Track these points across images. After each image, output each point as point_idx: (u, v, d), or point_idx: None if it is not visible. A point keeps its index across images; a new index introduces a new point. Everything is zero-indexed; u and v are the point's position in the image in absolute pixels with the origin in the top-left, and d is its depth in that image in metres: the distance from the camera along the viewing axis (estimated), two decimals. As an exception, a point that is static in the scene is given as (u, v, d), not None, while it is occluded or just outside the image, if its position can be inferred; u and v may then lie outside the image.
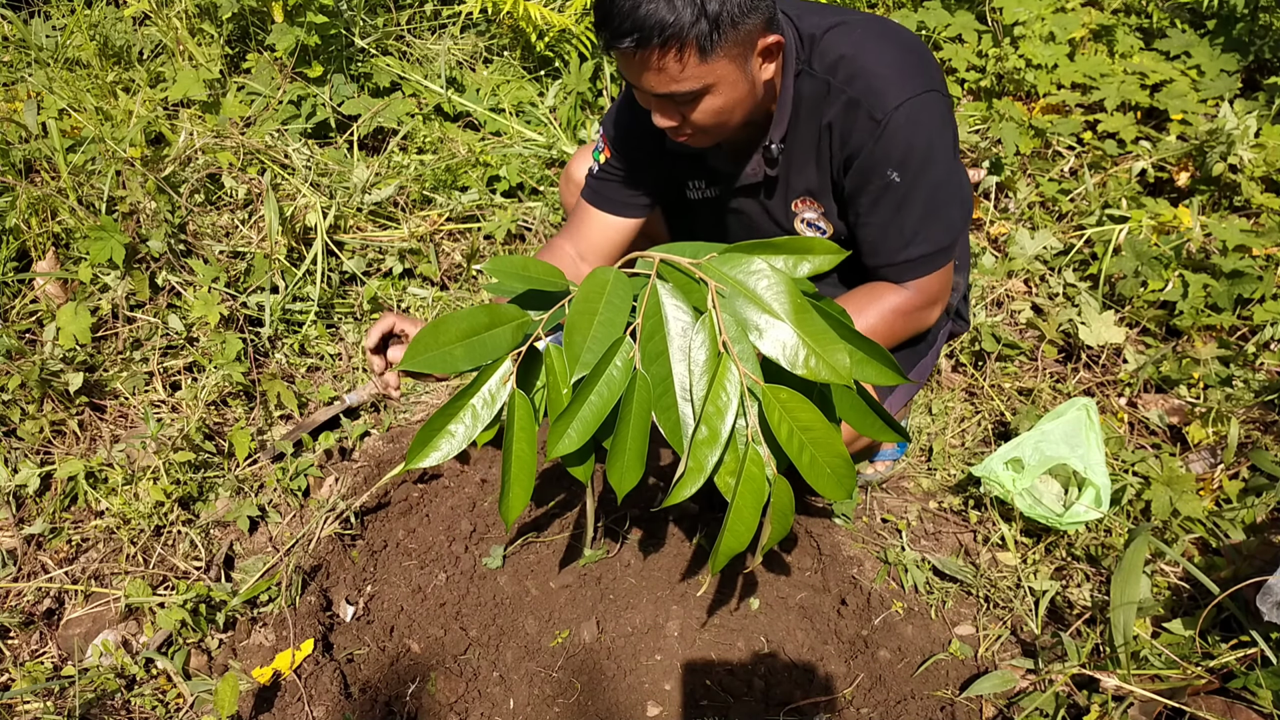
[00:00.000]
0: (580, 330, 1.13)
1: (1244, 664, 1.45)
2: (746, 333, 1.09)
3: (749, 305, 1.09)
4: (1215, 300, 2.22)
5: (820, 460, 1.12)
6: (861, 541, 1.91)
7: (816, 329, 1.07)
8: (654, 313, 1.14)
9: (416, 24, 3.38)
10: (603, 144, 1.64)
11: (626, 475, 1.17)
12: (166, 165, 2.44)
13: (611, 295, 1.15)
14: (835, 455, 1.11)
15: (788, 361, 1.07)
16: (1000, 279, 2.46)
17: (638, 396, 1.13)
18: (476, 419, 1.20)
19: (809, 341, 1.06)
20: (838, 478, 1.13)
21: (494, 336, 1.18)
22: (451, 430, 1.20)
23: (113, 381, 2.14)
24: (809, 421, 1.10)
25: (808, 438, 1.11)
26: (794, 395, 1.09)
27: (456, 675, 1.68)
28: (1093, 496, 1.81)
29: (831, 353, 1.06)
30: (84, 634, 1.72)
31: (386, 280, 2.50)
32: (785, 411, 1.09)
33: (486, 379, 1.20)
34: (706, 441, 1.10)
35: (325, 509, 1.93)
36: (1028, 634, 1.71)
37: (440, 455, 1.20)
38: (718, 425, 1.09)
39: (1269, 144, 2.56)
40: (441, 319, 1.16)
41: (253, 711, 1.56)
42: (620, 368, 1.13)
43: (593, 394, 1.13)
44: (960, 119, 2.93)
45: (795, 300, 1.08)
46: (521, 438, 1.21)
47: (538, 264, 1.24)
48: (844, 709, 1.62)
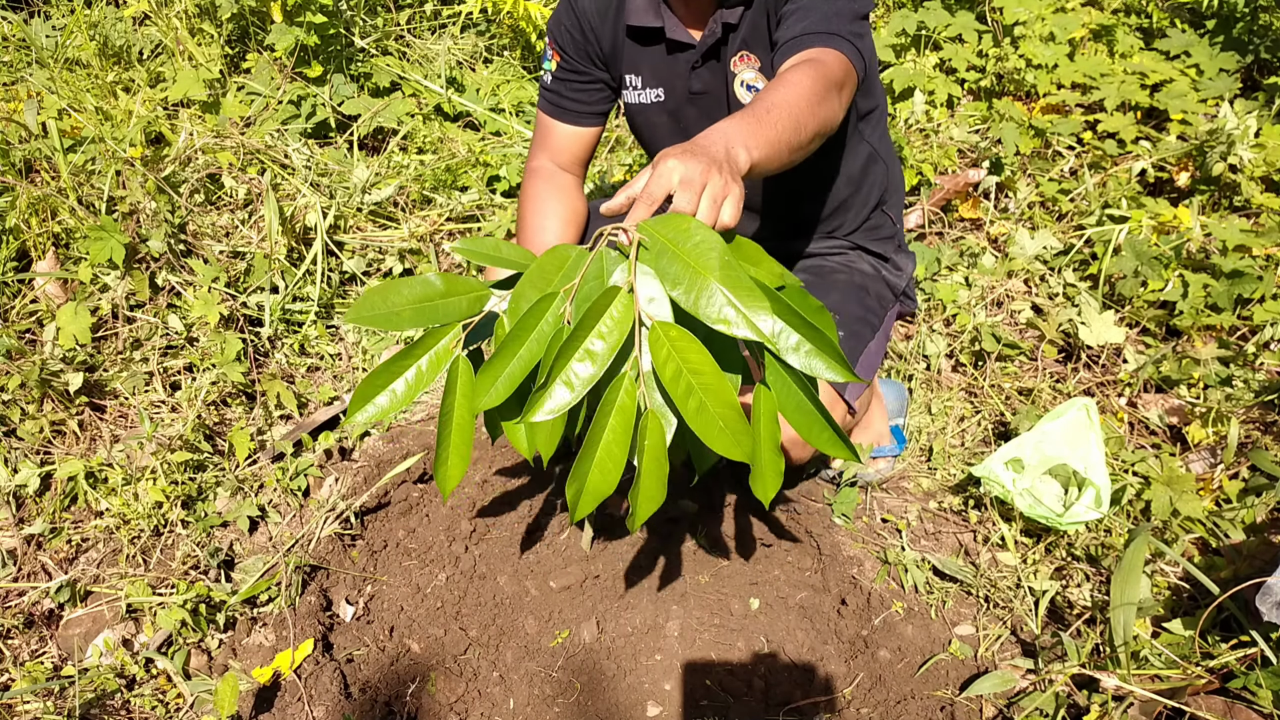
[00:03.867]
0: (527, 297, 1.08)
1: (1244, 664, 1.45)
2: (669, 288, 1.02)
3: (675, 261, 1.02)
4: (1215, 300, 2.22)
5: (709, 408, 1.03)
6: (861, 541, 1.91)
7: (741, 285, 0.99)
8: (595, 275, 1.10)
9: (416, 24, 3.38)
10: (550, 51, 1.71)
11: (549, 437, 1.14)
12: (166, 165, 2.44)
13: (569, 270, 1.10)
14: (726, 405, 1.03)
15: (704, 313, 0.99)
16: (1000, 279, 2.46)
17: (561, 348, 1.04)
18: (420, 378, 1.18)
19: (728, 293, 0.99)
20: (731, 432, 1.04)
21: (448, 304, 1.16)
22: (393, 388, 1.18)
23: (113, 381, 2.14)
24: (698, 365, 1.02)
25: (696, 381, 1.02)
26: (683, 333, 1.02)
27: (456, 675, 1.68)
28: (1093, 496, 1.81)
29: (754, 310, 0.98)
30: (84, 634, 1.72)
31: (386, 280, 2.50)
32: (674, 349, 1.02)
33: (434, 342, 1.18)
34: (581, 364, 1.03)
35: (325, 509, 1.93)
36: (1028, 634, 1.71)
37: (378, 410, 1.18)
38: (595, 349, 1.02)
39: (1269, 144, 2.56)
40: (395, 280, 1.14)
41: (253, 711, 1.56)
42: (550, 323, 1.08)
43: (522, 348, 1.08)
44: (960, 119, 2.93)
45: (724, 258, 1.00)
46: (462, 403, 1.18)
47: (510, 246, 1.22)
48: (844, 709, 1.62)
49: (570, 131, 1.73)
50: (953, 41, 3.09)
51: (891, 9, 3.37)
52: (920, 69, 3.00)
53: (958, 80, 3.02)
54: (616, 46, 1.67)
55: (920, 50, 3.11)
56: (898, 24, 3.07)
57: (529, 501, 1.97)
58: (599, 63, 1.69)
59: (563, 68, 1.70)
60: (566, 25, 1.67)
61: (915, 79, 2.93)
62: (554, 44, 1.69)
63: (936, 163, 2.73)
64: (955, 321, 2.33)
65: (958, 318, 2.33)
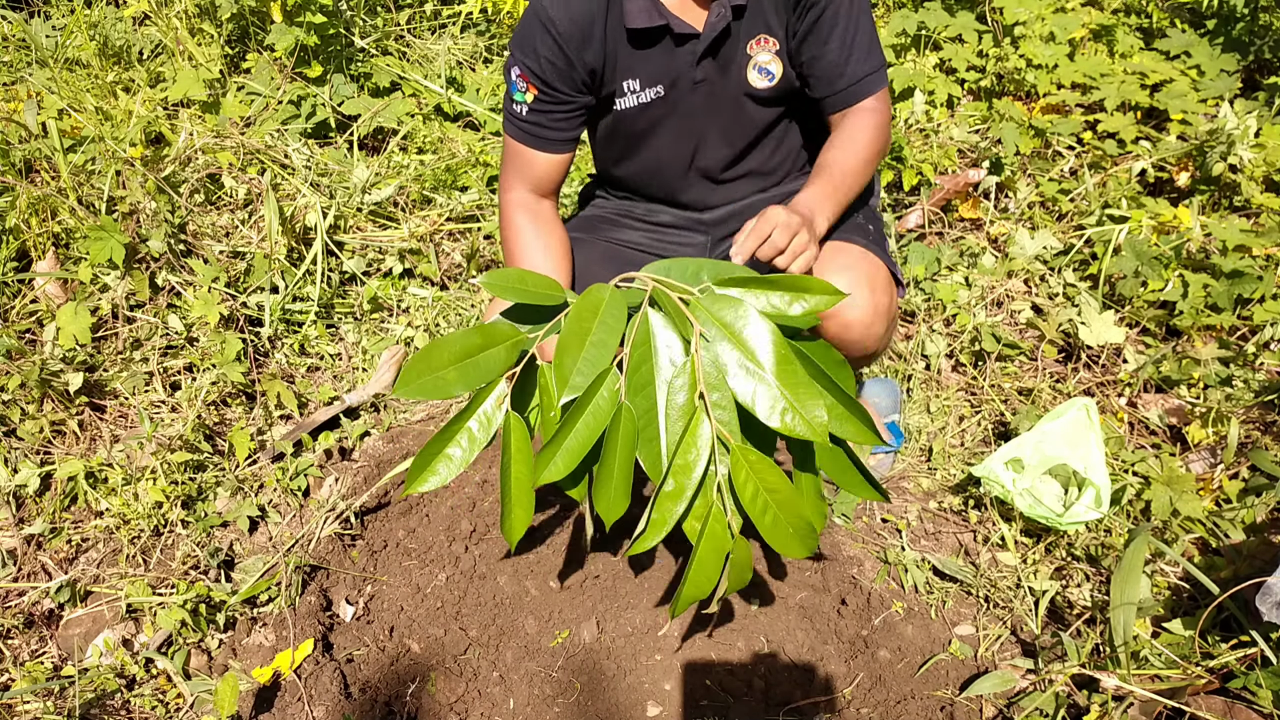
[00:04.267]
0: (571, 352, 1.13)
1: (1244, 664, 1.45)
2: (726, 378, 1.10)
3: (732, 349, 1.10)
4: (1215, 300, 2.22)
5: (783, 521, 1.14)
6: (861, 541, 1.91)
7: (797, 382, 1.08)
8: (643, 342, 1.15)
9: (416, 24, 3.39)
10: (523, 84, 1.61)
11: (614, 505, 1.19)
12: (166, 165, 2.44)
13: (605, 315, 1.15)
14: (797, 517, 1.14)
15: (764, 414, 1.09)
16: (1000, 279, 2.46)
17: (623, 429, 1.14)
18: (473, 442, 1.21)
19: (787, 395, 1.08)
20: (800, 537, 1.16)
21: (488, 358, 1.18)
22: (449, 454, 1.21)
23: (113, 381, 2.14)
24: (774, 484, 1.12)
25: (772, 499, 1.13)
26: (762, 459, 1.11)
27: (456, 675, 1.68)
28: (1093, 496, 1.81)
29: (810, 408, 1.08)
30: (84, 634, 1.72)
31: (386, 280, 2.50)
32: (752, 472, 1.11)
33: (481, 401, 1.21)
34: (672, 495, 1.12)
35: (325, 509, 1.93)
36: (1028, 634, 1.71)
37: (439, 480, 1.21)
38: (684, 481, 1.12)
39: (1269, 144, 2.56)
40: (434, 343, 1.16)
41: (253, 711, 1.56)
42: (606, 398, 1.14)
43: (579, 423, 1.14)
44: (960, 119, 2.93)
45: (780, 351, 1.08)
46: (519, 459, 1.22)
47: (535, 277, 1.24)
48: (844, 709, 1.62)
49: (551, 160, 1.68)
50: (953, 41, 3.09)
51: (891, 9, 3.37)
52: (920, 69, 3.00)
53: (958, 80, 3.02)
54: (609, 59, 1.61)
55: (920, 50, 3.11)
56: (898, 24, 3.07)
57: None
58: (583, 87, 1.62)
59: (541, 99, 1.61)
60: (546, 56, 1.56)
61: (915, 79, 2.93)
62: (528, 76, 1.59)
63: (936, 163, 2.73)
64: (955, 321, 2.33)
65: (958, 318, 2.33)
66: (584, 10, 1.54)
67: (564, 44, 1.55)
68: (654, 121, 1.70)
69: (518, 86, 1.62)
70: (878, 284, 1.59)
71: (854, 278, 1.56)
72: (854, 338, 1.59)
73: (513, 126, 1.65)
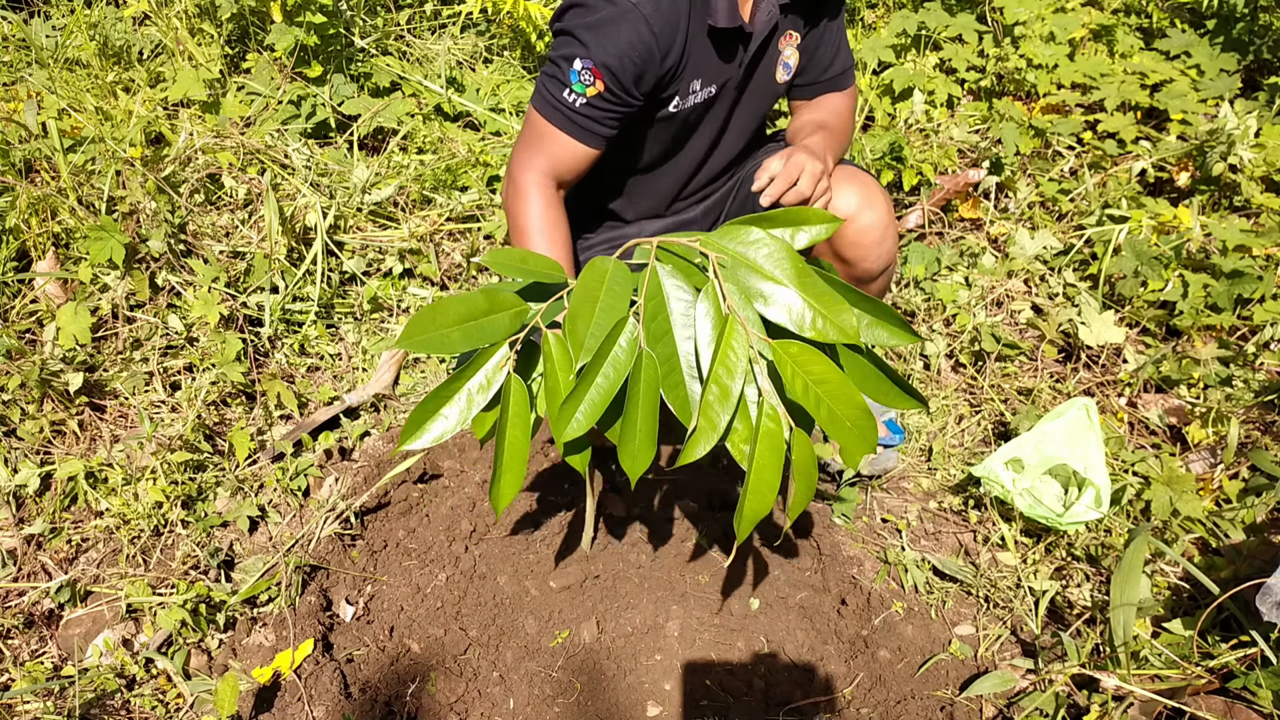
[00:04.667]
0: (583, 317, 1.12)
1: (1244, 664, 1.45)
2: (750, 301, 1.09)
3: (751, 274, 1.09)
4: (1215, 300, 2.22)
5: (839, 413, 1.09)
6: (861, 541, 1.91)
7: (820, 291, 1.07)
8: (655, 294, 1.13)
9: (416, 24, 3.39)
10: (590, 77, 1.54)
11: (639, 457, 1.15)
12: (166, 165, 2.44)
13: (612, 283, 1.14)
14: (854, 406, 1.09)
15: (794, 324, 1.07)
16: (1000, 279, 2.46)
17: (645, 375, 1.11)
18: (471, 402, 1.19)
19: (814, 304, 1.07)
20: (859, 430, 1.10)
21: (492, 322, 1.17)
22: (445, 413, 1.18)
23: (113, 381, 2.14)
24: (823, 374, 1.08)
25: (823, 390, 1.08)
26: (805, 349, 1.07)
27: (456, 675, 1.68)
28: (1093, 496, 1.81)
29: (837, 313, 1.06)
30: (84, 634, 1.72)
31: (386, 280, 2.50)
32: (798, 366, 1.08)
33: (483, 363, 1.19)
34: (719, 400, 1.08)
35: (325, 509, 1.93)
36: (1028, 634, 1.71)
37: (432, 437, 1.18)
38: (728, 384, 1.07)
39: (1269, 144, 2.56)
40: (440, 301, 1.15)
41: (253, 711, 1.56)
42: (625, 348, 1.11)
43: (599, 375, 1.11)
44: (960, 119, 2.93)
45: (797, 265, 1.08)
46: (516, 424, 1.19)
47: (537, 257, 1.24)
48: (844, 709, 1.62)
49: (586, 153, 1.63)
50: (953, 41, 3.09)
51: (891, 9, 3.37)
52: (920, 69, 3.00)
53: (958, 80, 3.02)
54: (685, 58, 1.58)
55: (920, 50, 3.11)
56: (898, 24, 3.07)
57: (529, 501, 1.97)
58: (649, 90, 1.58)
59: (604, 97, 1.55)
60: (632, 57, 1.51)
61: (915, 79, 2.93)
62: (601, 72, 1.53)
63: (936, 163, 2.73)
64: (955, 321, 2.33)
65: (958, 318, 2.33)
66: (674, 9, 1.51)
67: (656, 45, 1.51)
68: (698, 120, 1.70)
69: (581, 78, 1.54)
70: (882, 195, 1.69)
71: (862, 187, 1.65)
72: (872, 241, 1.67)
73: (558, 115, 1.59)
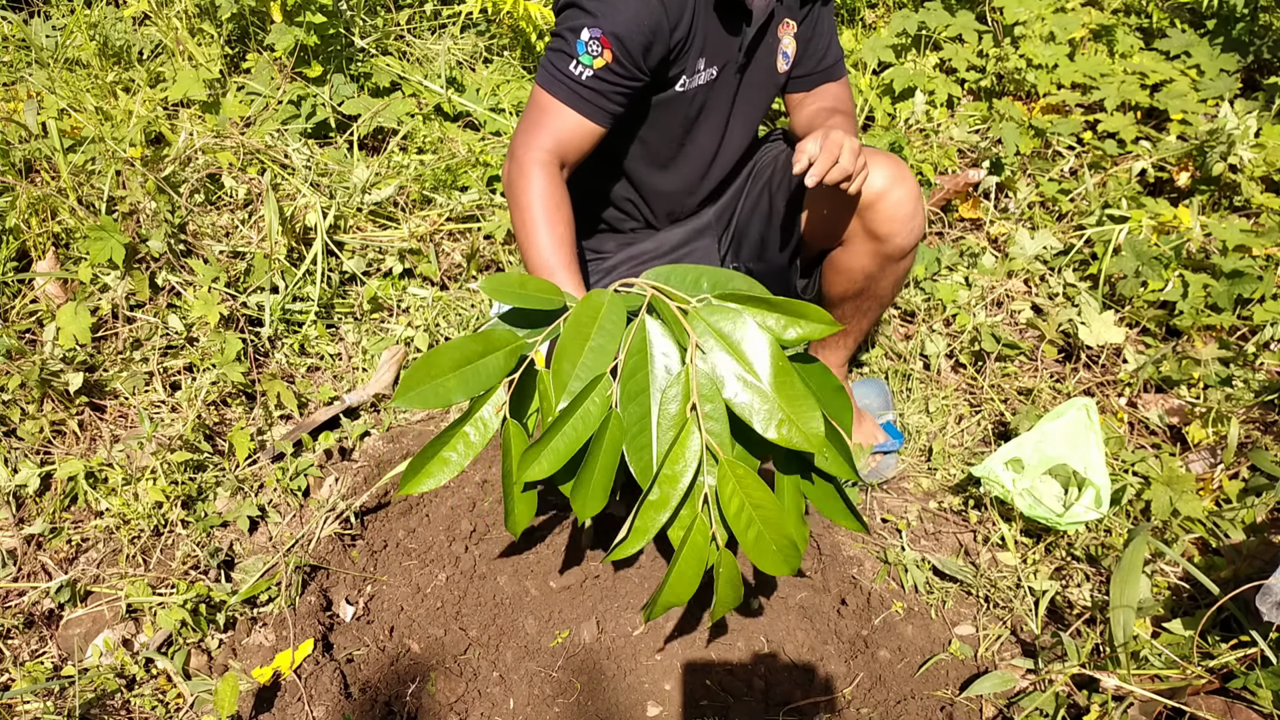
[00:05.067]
0: (570, 357, 1.14)
1: (1244, 664, 1.45)
2: (722, 390, 1.10)
3: (730, 360, 1.10)
4: (1215, 300, 2.22)
5: (767, 538, 1.13)
6: (861, 541, 1.91)
7: (795, 394, 1.08)
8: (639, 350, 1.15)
9: (416, 24, 3.39)
10: (598, 47, 1.50)
11: (588, 505, 1.19)
12: (166, 165, 2.44)
13: (604, 320, 1.16)
14: (782, 536, 1.13)
15: (760, 426, 1.08)
16: (1000, 279, 2.46)
17: (609, 435, 1.14)
18: (469, 447, 1.23)
19: (784, 407, 1.08)
20: (783, 555, 1.16)
21: (486, 364, 1.19)
22: (445, 457, 1.23)
23: (113, 381, 2.14)
24: (760, 499, 1.11)
25: (757, 515, 1.12)
26: (749, 473, 1.10)
27: (456, 675, 1.68)
28: (1093, 496, 1.81)
29: (807, 421, 1.07)
30: (84, 634, 1.72)
31: (386, 280, 2.50)
32: (739, 486, 1.11)
33: (479, 408, 1.21)
34: (657, 504, 1.12)
35: (325, 509, 1.93)
36: (1028, 634, 1.71)
37: (434, 481, 1.23)
38: (669, 491, 1.11)
39: (1269, 144, 2.56)
40: (434, 351, 1.17)
41: (253, 711, 1.56)
42: (598, 404, 1.14)
43: (567, 426, 1.14)
44: (960, 119, 2.93)
45: (778, 362, 1.08)
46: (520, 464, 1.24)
47: (534, 281, 1.25)
48: (844, 709, 1.62)
49: (591, 129, 1.58)
50: (953, 41, 3.09)
51: (891, 9, 3.37)
52: (920, 69, 3.00)
53: (958, 80, 3.02)
54: (693, 33, 1.56)
55: (920, 50, 3.11)
56: (898, 24, 3.07)
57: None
58: (656, 65, 1.56)
59: (613, 69, 1.51)
60: (643, 28, 1.49)
61: (915, 79, 2.93)
62: (610, 41, 1.49)
63: (936, 163, 2.73)
64: (955, 321, 2.33)
65: (958, 318, 2.33)
66: None
67: (666, 16, 1.50)
68: (701, 107, 1.69)
69: (589, 49, 1.50)
70: (909, 170, 1.69)
71: (890, 163, 1.65)
72: (905, 215, 1.66)
73: (564, 89, 1.55)
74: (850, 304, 1.85)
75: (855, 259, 1.75)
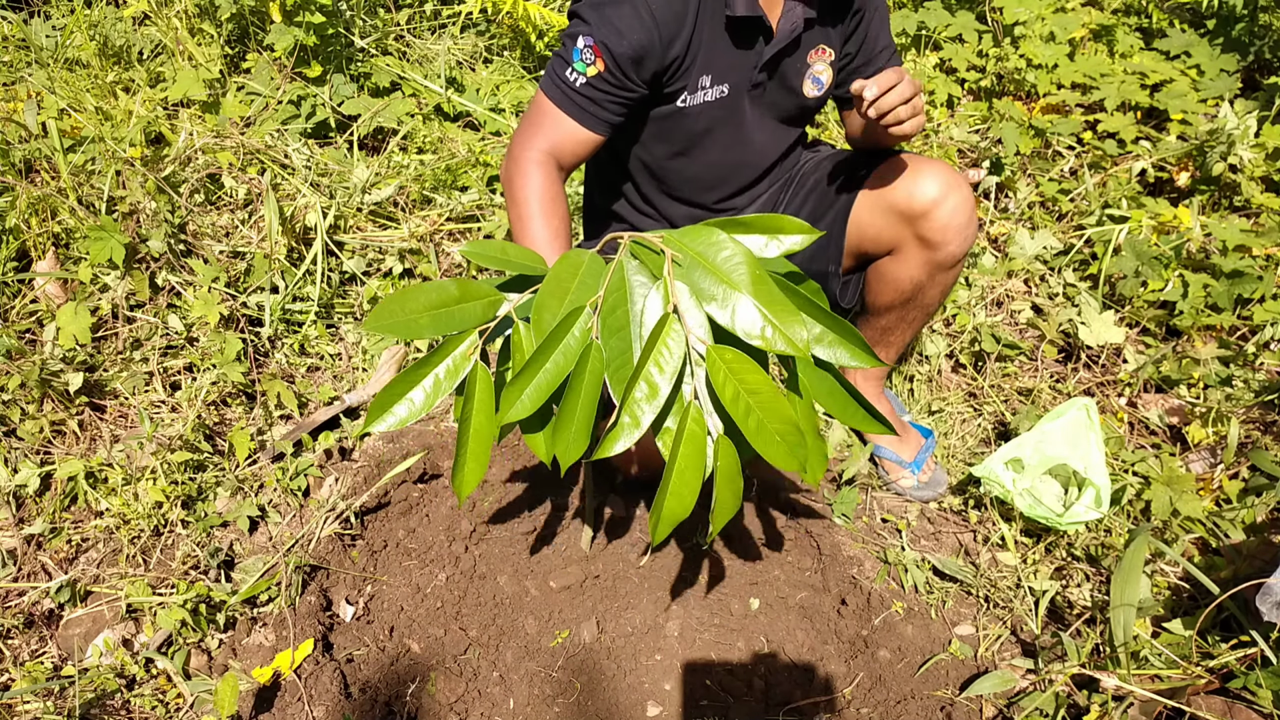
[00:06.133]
0: (550, 308, 1.11)
1: (1244, 664, 1.45)
2: (702, 302, 1.07)
3: (707, 276, 1.06)
4: (1215, 300, 2.22)
5: (768, 425, 1.07)
6: (861, 541, 1.91)
7: (774, 299, 1.03)
8: (618, 287, 1.12)
9: (416, 24, 3.39)
10: (592, 55, 1.52)
11: (572, 446, 1.15)
12: (166, 165, 2.44)
13: (585, 275, 1.14)
14: (783, 420, 1.07)
15: (744, 331, 1.04)
16: (1000, 279, 2.46)
17: (590, 365, 1.10)
18: (438, 387, 1.19)
19: (766, 312, 1.03)
20: (788, 445, 1.08)
21: (463, 310, 1.17)
22: (411, 397, 1.19)
23: (113, 381, 2.14)
24: (756, 384, 1.05)
25: (754, 401, 1.06)
26: (740, 356, 1.05)
27: (456, 675, 1.68)
28: (1093, 496, 1.81)
29: (789, 324, 1.03)
30: (84, 634, 1.72)
31: (386, 280, 2.50)
32: (730, 372, 1.05)
33: (452, 349, 1.19)
34: (646, 398, 1.06)
35: (325, 509, 1.93)
36: (1028, 634, 1.71)
37: (396, 420, 1.19)
38: (657, 382, 1.06)
39: (1269, 144, 2.56)
40: (410, 288, 1.15)
41: (253, 711, 1.56)
42: (578, 337, 1.11)
43: (549, 361, 1.11)
44: (960, 119, 2.93)
45: (755, 272, 1.05)
46: (480, 410, 1.19)
47: (516, 249, 1.24)
48: (844, 709, 1.62)
49: (587, 136, 1.60)
50: (953, 41, 3.09)
51: (892, 9, 3.37)
52: (920, 69, 3.00)
53: (958, 80, 3.02)
54: (690, 51, 1.55)
55: (920, 50, 3.11)
56: (898, 24, 3.07)
57: (529, 501, 1.97)
58: (650, 80, 1.56)
59: (605, 78, 1.52)
60: (632, 38, 1.49)
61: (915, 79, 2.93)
62: (601, 50, 1.50)
63: (936, 163, 2.73)
64: (955, 321, 2.33)
65: (958, 318, 2.33)
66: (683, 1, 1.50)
67: (658, 31, 1.49)
68: (712, 123, 1.68)
69: (583, 56, 1.52)
70: (961, 176, 1.67)
71: (943, 170, 1.65)
72: (961, 223, 1.66)
73: (559, 93, 1.56)
74: (895, 313, 1.83)
75: (905, 267, 1.73)
